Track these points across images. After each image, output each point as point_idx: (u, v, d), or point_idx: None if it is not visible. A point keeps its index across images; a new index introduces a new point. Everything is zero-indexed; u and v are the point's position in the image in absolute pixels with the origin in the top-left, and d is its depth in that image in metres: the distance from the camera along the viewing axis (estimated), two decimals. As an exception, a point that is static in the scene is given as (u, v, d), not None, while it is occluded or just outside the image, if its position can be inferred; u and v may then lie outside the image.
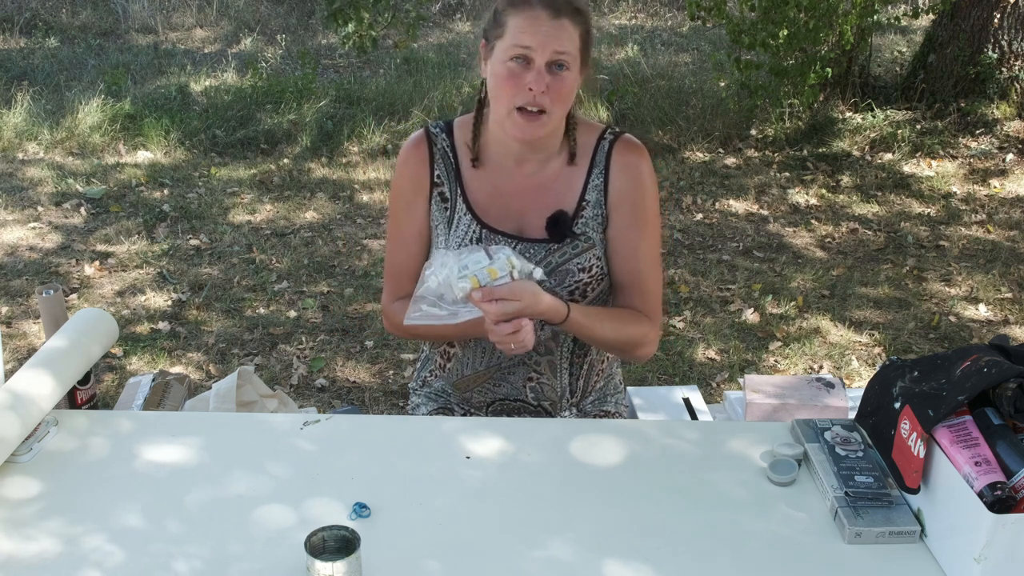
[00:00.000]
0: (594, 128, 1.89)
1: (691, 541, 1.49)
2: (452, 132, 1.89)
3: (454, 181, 1.87)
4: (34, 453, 1.66)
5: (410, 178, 1.89)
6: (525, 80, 1.69)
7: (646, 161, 1.87)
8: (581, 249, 1.84)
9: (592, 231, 1.86)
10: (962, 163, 5.71)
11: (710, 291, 4.25)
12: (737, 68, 5.64)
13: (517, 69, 1.70)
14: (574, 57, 1.72)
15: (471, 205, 1.86)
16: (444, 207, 1.87)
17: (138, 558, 1.44)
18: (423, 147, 1.88)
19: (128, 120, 5.96)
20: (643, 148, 1.89)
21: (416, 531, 1.50)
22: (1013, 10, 5.97)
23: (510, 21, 1.71)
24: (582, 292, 1.86)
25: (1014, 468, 1.40)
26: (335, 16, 5.27)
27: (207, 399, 2.25)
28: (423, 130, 1.91)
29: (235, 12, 8.54)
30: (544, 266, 1.82)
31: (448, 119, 1.92)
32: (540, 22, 1.69)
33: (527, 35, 1.69)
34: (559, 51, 1.69)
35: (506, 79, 1.71)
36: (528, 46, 1.69)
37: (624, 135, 1.88)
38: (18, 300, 4.05)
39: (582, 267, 1.84)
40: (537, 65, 1.69)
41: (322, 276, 4.32)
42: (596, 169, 1.86)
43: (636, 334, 1.87)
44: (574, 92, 1.76)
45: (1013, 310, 4.14)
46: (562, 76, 1.71)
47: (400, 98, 6.35)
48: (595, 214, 1.86)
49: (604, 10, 8.92)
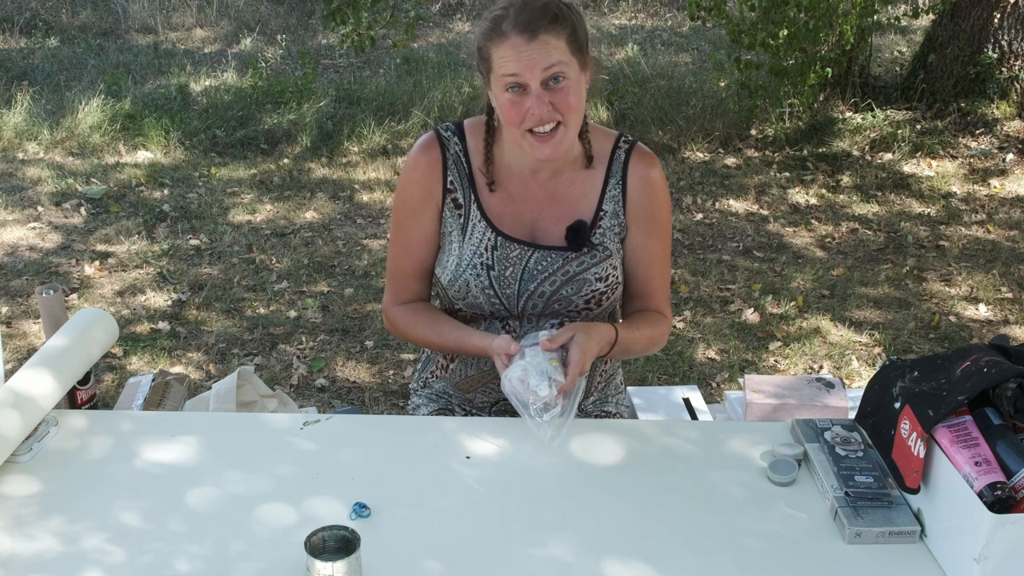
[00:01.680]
0: (607, 135, 1.88)
1: (691, 541, 1.49)
2: (464, 136, 1.86)
3: (468, 187, 1.85)
4: (34, 453, 1.66)
5: (420, 184, 1.86)
6: (526, 106, 1.69)
7: (659, 170, 1.89)
8: (599, 259, 1.85)
9: (609, 241, 1.86)
10: (962, 163, 5.71)
11: (710, 291, 4.25)
12: (737, 68, 5.64)
13: (516, 98, 1.70)
14: (567, 63, 1.70)
15: (486, 212, 1.85)
16: (458, 214, 1.85)
17: (138, 558, 1.44)
18: (435, 152, 1.85)
19: (128, 120, 5.96)
20: (655, 157, 1.90)
21: (416, 531, 1.50)
22: (1013, 10, 5.97)
23: (493, 55, 1.70)
24: (597, 301, 1.86)
25: (1014, 468, 1.40)
26: (333, 16, 5.27)
27: (207, 399, 2.25)
28: (433, 134, 1.87)
29: (235, 12, 8.54)
30: (561, 274, 1.83)
31: (458, 121, 1.89)
32: (519, 48, 1.67)
33: (511, 63, 1.68)
34: (547, 67, 1.68)
35: (509, 110, 1.71)
36: (515, 73, 1.68)
37: (638, 144, 1.89)
38: (18, 300, 4.05)
39: (599, 276, 1.85)
40: (533, 90, 1.68)
41: (322, 276, 4.32)
42: (613, 179, 1.86)
43: (659, 335, 1.93)
44: (582, 94, 1.74)
45: (1013, 310, 4.14)
46: (562, 87, 1.70)
47: (400, 98, 6.35)
48: (612, 224, 1.86)
49: (604, 10, 8.92)
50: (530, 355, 1.66)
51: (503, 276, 1.84)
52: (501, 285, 1.84)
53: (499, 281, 1.84)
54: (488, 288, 1.84)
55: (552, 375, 1.63)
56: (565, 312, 1.86)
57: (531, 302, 1.85)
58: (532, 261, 1.83)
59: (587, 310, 1.86)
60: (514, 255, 1.84)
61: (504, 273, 1.84)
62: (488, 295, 1.84)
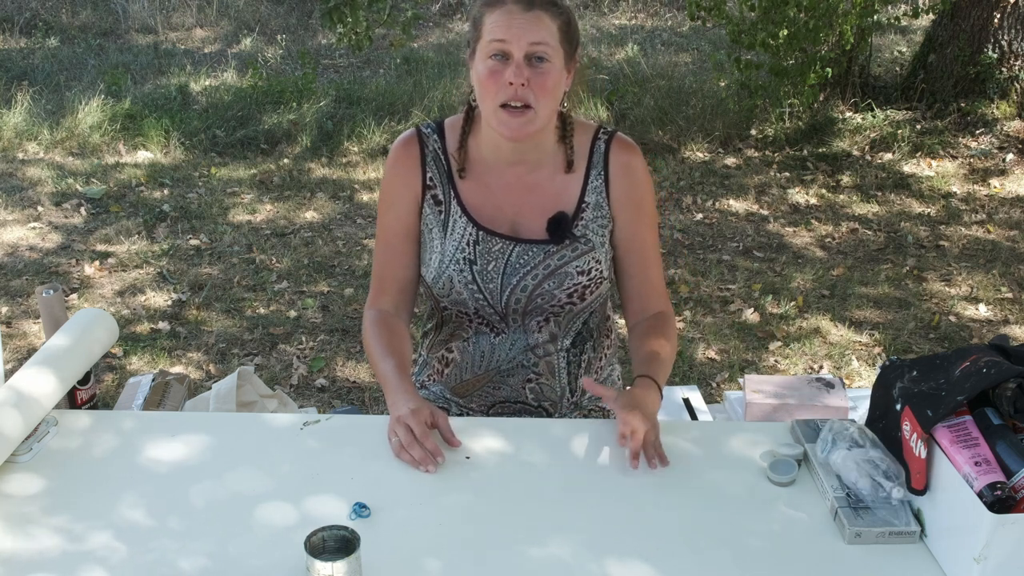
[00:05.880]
0: (587, 128, 1.88)
1: (691, 541, 1.49)
2: (444, 133, 1.88)
3: (447, 183, 1.85)
4: (34, 453, 1.66)
5: (400, 180, 1.87)
6: (505, 76, 1.69)
7: (640, 158, 1.89)
8: (580, 252, 1.84)
9: (593, 234, 1.85)
10: (962, 163, 5.72)
11: (710, 291, 4.25)
12: (737, 68, 5.64)
13: (497, 66, 1.69)
14: (554, 49, 1.70)
15: (466, 208, 1.85)
16: (438, 210, 1.86)
17: (138, 557, 1.44)
18: (414, 148, 1.87)
19: (128, 120, 5.96)
20: (635, 145, 1.90)
21: (416, 531, 1.50)
22: (1013, 10, 5.97)
23: (486, 20, 1.71)
24: (580, 295, 1.86)
25: (1014, 468, 1.39)
26: (330, 15, 5.27)
27: (207, 399, 2.25)
28: (414, 131, 1.89)
29: (235, 12, 8.54)
30: (543, 268, 1.82)
31: (439, 120, 1.91)
32: (513, 16, 1.68)
33: (501, 29, 1.68)
34: (535, 42, 1.68)
35: (487, 77, 1.70)
36: (503, 39, 1.68)
37: (617, 134, 1.89)
38: (18, 300, 4.05)
39: (581, 270, 1.84)
40: (516, 59, 1.68)
41: (322, 276, 4.32)
42: (594, 171, 1.85)
43: (672, 336, 1.90)
44: (559, 86, 1.74)
45: (1013, 310, 4.14)
46: (543, 69, 1.70)
47: (400, 98, 6.35)
48: (596, 216, 1.85)
49: (604, 10, 8.92)
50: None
51: (485, 271, 1.83)
52: (484, 280, 1.84)
53: (482, 276, 1.84)
54: (471, 283, 1.84)
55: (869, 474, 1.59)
56: (549, 307, 1.86)
57: (514, 296, 1.85)
58: (514, 255, 1.83)
59: (570, 304, 1.85)
60: (496, 249, 1.83)
61: (486, 268, 1.83)
62: (472, 290, 1.84)
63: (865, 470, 1.54)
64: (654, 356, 1.82)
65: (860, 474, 1.54)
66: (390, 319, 1.88)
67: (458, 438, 1.69)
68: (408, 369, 1.82)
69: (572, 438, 1.74)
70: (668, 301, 1.96)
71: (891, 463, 1.54)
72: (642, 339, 1.87)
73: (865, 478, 1.54)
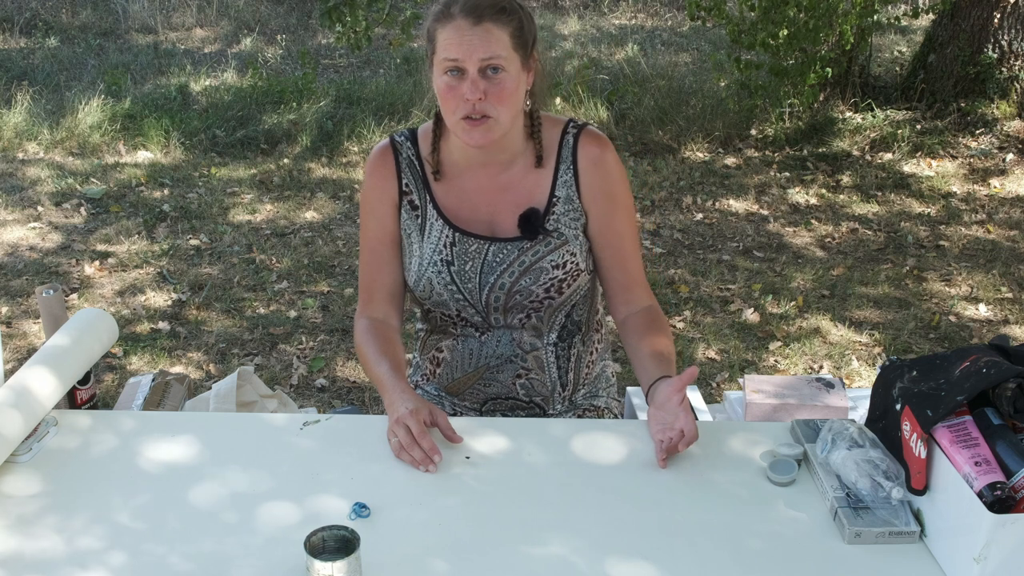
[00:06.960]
0: (556, 123, 1.89)
1: (691, 541, 1.49)
2: (417, 140, 1.91)
3: (423, 188, 1.89)
4: (34, 452, 1.66)
5: (377, 188, 1.90)
6: (461, 91, 1.71)
7: (611, 150, 1.89)
8: (554, 246, 1.85)
9: (565, 227, 1.86)
10: (962, 163, 5.71)
11: (710, 291, 4.25)
12: (737, 68, 5.64)
13: (453, 82, 1.72)
14: (507, 58, 1.71)
15: (442, 211, 1.87)
16: (415, 215, 1.89)
17: (138, 557, 1.44)
18: (388, 157, 1.90)
19: (128, 120, 5.96)
20: (605, 138, 1.91)
21: (416, 531, 1.50)
22: (1013, 10, 5.97)
23: (438, 36, 1.73)
24: (557, 289, 1.87)
25: (1014, 468, 1.39)
26: (329, 14, 5.27)
27: (207, 399, 2.25)
28: (388, 140, 1.92)
29: (235, 12, 8.54)
30: (518, 265, 1.85)
31: (412, 128, 1.94)
32: (463, 32, 1.69)
33: (453, 47, 1.70)
34: (486, 57, 1.69)
35: (445, 92, 1.73)
36: (456, 58, 1.70)
37: (587, 128, 1.89)
38: (18, 300, 4.05)
39: (556, 264, 1.86)
40: (470, 75, 1.70)
41: (322, 276, 4.32)
42: (563, 165, 1.87)
43: (664, 327, 1.93)
44: (518, 91, 1.76)
45: (1013, 310, 4.14)
46: (499, 79, 1.71)
47: (400, 98, 6.35)
48: (567, 210, 1.87)
49: (604, 10, 8.92)
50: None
51: (463, 271, 1.86)
52: (462, 280, 1.86)
53: (460, 276, 1.86)
54: (451, 284, 1.86)
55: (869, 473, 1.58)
56: (528, 303, 1.87)
57: (493, 295, 1.87)
58: (490, 254, 1.85)
59: (548, 299, 1.87)
60: (472, 249, 1.86)
61: (464, 268, 1.86)
62: (451, 291, 1.87)
63: (865, 470, 1.54)
64: (665, 357, 1.85)
65: (860, 474, 1.54)
66: (380, 326, 1.90)
67: (459, 435, 1.70)
68: (403, 370, 1.83)
69: (572, 438, 1.74)
70: (651, 293, 1.97)
71: (891, 463, 1.54)
72: (642, 339, 1.88)
73: (865, 478, 1.54)
